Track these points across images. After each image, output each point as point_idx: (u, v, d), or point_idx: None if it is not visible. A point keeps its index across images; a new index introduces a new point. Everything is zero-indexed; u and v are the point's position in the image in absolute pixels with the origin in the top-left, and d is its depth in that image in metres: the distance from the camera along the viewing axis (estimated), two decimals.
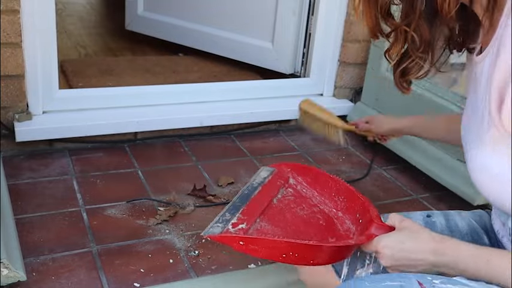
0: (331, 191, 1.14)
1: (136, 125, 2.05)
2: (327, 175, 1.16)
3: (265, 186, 1.16)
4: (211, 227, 1.00)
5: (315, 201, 1.15)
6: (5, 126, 1.87)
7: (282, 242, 0.95)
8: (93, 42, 3.10)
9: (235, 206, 1.07)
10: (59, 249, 1.46)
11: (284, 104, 2.32)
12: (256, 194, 1.13)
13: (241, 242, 0.95)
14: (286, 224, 1.07)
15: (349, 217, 1.08)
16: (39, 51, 1.85)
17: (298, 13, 2.40)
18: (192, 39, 2.77)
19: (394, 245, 0.89)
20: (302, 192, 1.17)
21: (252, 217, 1.05)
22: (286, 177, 1.20)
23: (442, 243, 0.86)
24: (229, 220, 1.02)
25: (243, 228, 1.00)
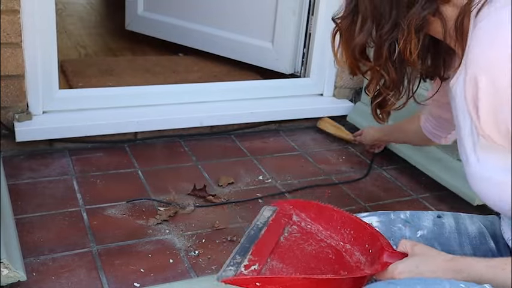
0: (336, 224, 1.14)
1: (136, 125, 2.05)
2: (330, 208, 1.16)
3: (271, 226, 1.15)
4: (223, 270, 1.00)
5: (321, 236, 1.15)
6: (5, 126, 1.87)
7: (300, 279, 0.95)
8: (93, 42, 3.10)
9: (244, 248, 1.08)
10: (59, 249, 1.46)
11: (284, 104, 2.32)
12: (263, 234, 1.12)
13: (257, 283, 0.95)
14: (297, 261, 1.07)
15: (358, 248, 1.08)
16: (39, 51, 1.85)
17: (298, 13, 2.40)
18: (192, 39, 2.77)
19: (410, 270, 0.90)
20: (307, 228, 1.17)
21: (262, 257, 1.05)
22: (289, 214, 1.19)
23: (454, 262, 0.88)
24: (241, 262, 1.02)
25: (256, 270, 1.01)
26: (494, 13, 0.81)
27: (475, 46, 0.81)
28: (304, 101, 2.37)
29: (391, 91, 0.96)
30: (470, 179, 0.90)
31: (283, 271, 1.03)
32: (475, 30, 0.82)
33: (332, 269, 1.05)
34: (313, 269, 1.05)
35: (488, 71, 0.78)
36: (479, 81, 0.79)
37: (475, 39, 0.81)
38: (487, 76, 0.78)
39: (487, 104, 0.79)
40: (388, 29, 0.90)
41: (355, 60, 0.98)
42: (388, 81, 0.95)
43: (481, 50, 0.79)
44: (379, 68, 0.94)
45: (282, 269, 1.03)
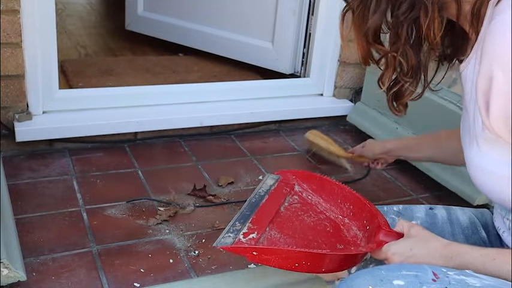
0: (337, 197, 1.15)
1: (136, 125, 2.05)
2: (332, 182, 1.17)
3: (272, 194, 1.16)
4: (222, 237, 1.01)
5: (321, 208, 1.16)
6: (5, 126, 1.87)
7: (296, 252, 0.96)
8: (93, 42, 3.10)
9: (244, 215, 1.09)
10: (59, 249, 1.46)
11: (284, 104, 2.32)
12: (264, 203, 1.14)
13: (254, 252, 0.96)
14: (294, 232, 1.08)
15: (356, 223, 1.10)
16: (39, 51, 1.85)
17: (298, 13, 2.40)
18: (192, 39, 2.77)
19: (404, 252, 0.91)
20: (308, 199, 1.18)
21: (261, 226, 1.05)
22: (291, 184, 1.21)
23: (449, 247, 0.89)
24: (240, 230, 1.03)
25: (254, 238, 1.01)
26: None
27: (493, 39, 0.78)
28: (304, 101, 2.37)
29: (410, 78, 0.90)
30: (471, 169, 0.89)
31: (280, 241, 1.04)
32: (494, 22, 0.79)
33: (329, 242, 1.06)
34: (310, 240, 1.06)
35: (506, 67, 0.75)
36: (495, 76, 0.77)
37: (494, 32, 0.78)
38: (504, 72, 0.75)
39: (500, 101, 0.77)
40: (406, 8, 0.84)
41: (368, 44, 0.91)
42: (407, 67, 0.88)
43: (500, 44, 0.76)
44: (396, 54, 0.88)
45: (280, 239, 1.04)
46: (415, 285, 0.80)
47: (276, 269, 1.44)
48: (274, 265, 0.96)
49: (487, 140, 0.83)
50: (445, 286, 0.79)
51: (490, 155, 0.84)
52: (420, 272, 0.82)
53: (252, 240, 1.01)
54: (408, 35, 0.86)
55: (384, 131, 2.13)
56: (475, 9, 0.84)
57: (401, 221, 0.98)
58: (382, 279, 0.81)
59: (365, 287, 0.81)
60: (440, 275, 0.81)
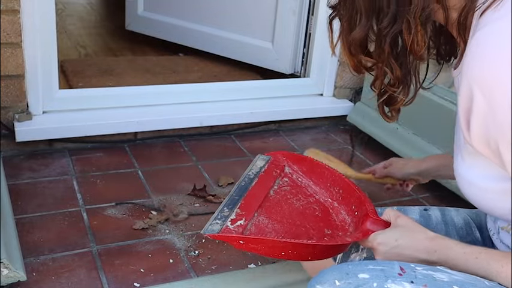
0: (326, 181, 1.15)
1: (136, 125, 2.05)
2: (322, 165, 1.17)
3: (262, 177, 1.16)
4: (210, 224, 1.00)
5: (310, 191, 1.16)
6: (5, 126, 1.87)
7: (281, 242, 0.96)
8: (93, 42, 3.10)
9: (233, 200, 1.08)
10: (59, 249, 1.46)
11: (284, 104, 2.32)
12: (253, 186, 1.13)
13: (241, 241, 0.96)
14: (283, 217, 1.08)
15: (345, 208, 1.10)
16: (39, 51, 1.85)
17: (298, 13, 2.40)
18: (192, 39, 2.77)
19: (389, 242, 0.92)
20: (298, 181, 1.18)
21: (250, 212, 1.05)
22: (281, 166, 1.20)
23: (434, 241, 0.89)
24: (228, 216, 1.03)
25: (242, 225, 1.01)
26: (496, 22, 0.76)
27: (472, 60, 0.76)
28: (304, 101, 2.37)
29: (396, 88, 0.91)
30: (458, 179, 0.90)
31: (268, 227, 1.04)
32: (474, 39, 0.77)
33: (317, 227, 1.06)
34: (298, 226, 1.06)
35: (484, 88, 0.74)
36: (475, 97, 0.75)
37: (472, 52, 0.77)
38: (484, 95, 0.74)
39: (480, 123, 0.76)
40: (388, 22, 0.84)
41: (353, 56, 0.92)
42: (393, 78, 0.90)
43: (479, 64, 0.75)
44: (382, 65, 0.89)
45: (268, 225, 1.04)
46: (380, 278, 0.81)
47: (276, 270, 1.45)
48: (261, 253, 0.97)
49: (469, 153, 0.84)
50: (410, 280, 0.80)
51: (473, 168, 0.84)
52: (387, 267, 0.83)
53: (240, 227, 1.00)
54: (391, 48, 0.86)
55: (383, 131, 2.13)
56: (461, 18, 0.84)
57: (389, 209, 0.99)
58: (348, 273, 0.83)
59: (332, 281, 0.83)
60: (407, 269, 0.82)
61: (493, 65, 0.73)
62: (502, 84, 0.72)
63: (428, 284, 0.79)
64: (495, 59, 0.73)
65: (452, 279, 0.80)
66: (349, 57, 0.93)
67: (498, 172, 0.80)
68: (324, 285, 0.83)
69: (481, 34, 0.76)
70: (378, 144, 2.16)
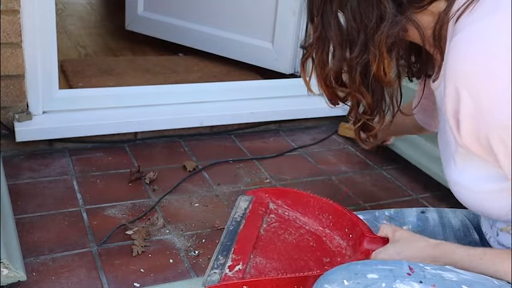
0: (314, 209, 1.14)
1: (136, 125, 2.05)
2: (306, 194, 1.16)
3: (249, 218, 1.15)
4: (208, 275, 1.00)
5: (299, 223, 1.15)
6: (5, 126, 1.87)
7: (285, 279, 0.96)
8: (93, 42, 3.10)
9: (226, 246, 1.07)
10: (59, 249, 1.46)
11: (284, 104, 2.32)
12: (242, 228, 1.12)
13: (244, 286, 0.96)
14: (279, 254, 1.07)
15: (338, 233, 1.09)
16: (39, 51, 1.85)
17: (298, 13, 2.40)
18: (192, 39, 2.77)
19: (392, 257, 0.92)
20: (284, 215, 1.17)
21: (245, 255, 1.05)
22: (265, 203, 1.19)
23: (437, 247, 0.89)
24: (224, 264, 1.02)
25: (241, 269, 1.01)
26: (473, 24, 0.77)
27: (454, 59, 0.77)
28: (304, 101, 2.36)
29: (369, 116, 0.93)
30: (451, 186, 0.90)
31: (267, 267, 1.03)
32: (453, 42, 0.78)
33: (314, 257, 1.06)
34: (296, 260, 1.06)
35: (470, 87, 0.75)
36: (462, 96, 0.76)
37: (455, 52, 0.77)
38: (469, 92, 0.75)
39: (469, 121, 0.77)
40: (357, 53, 0.86)
41: (329, 88, 0.94)
42: (366, 106, 0.92)
43: (461, 64, 0.76)
44: (355, 93, 0.91)
45: (266, 265, 1.03)
46: (389, 278, 0.81)
47: None
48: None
49: (462, 157, 0.84)
50: (419, 280, 0.80)
51: (466, 171, 0.84)
52: (395, 266, 0.83)
53: (239, 272, 1.00)
54: (362, 77, 0.88)
55: None
56: (435, 32, 0.84)
57: (384, 225, 0.99)
58: (357, 273, 0.83)
59: (340, 281, 0.83)
60: (416, 269, 0.82)
61: (476, 63, 0.74)
62: (486, 81, 0.73)
63: (437, 284, 0.79)
64: (477, 57, 0.74)
65: (461, 278, 0.80)
66: (325, 90, 0.96)
67: (493, 172, 0.80)
68: (333, 284, 0.83)
69: (460, 36, 0.77)
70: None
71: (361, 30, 0.85)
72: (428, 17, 0.85)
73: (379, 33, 0.83)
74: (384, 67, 0.85)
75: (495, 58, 0.73)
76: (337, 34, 0.87)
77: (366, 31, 0.84)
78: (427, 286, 0.79)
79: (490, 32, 0.75)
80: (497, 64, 0.73)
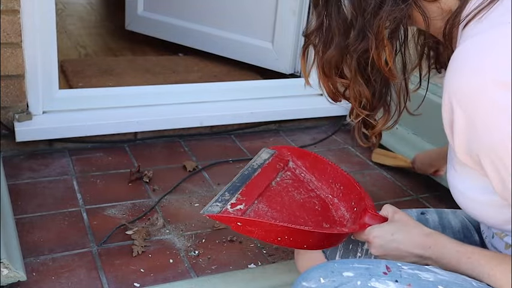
0: (328, 177, 1.16)
1: (136, 125, 2.05)
2: (325, 161, 1.18)
3: (265, 169, 1.17)
4: (210, 205, 1.02)
5: (312, 186, 1.17)
6: (5, 126, 1.87)
7: (278, 226, 0.97)
8: (93, 42, 3.10)
9: (235, 187, 1.10)
10: (59, 249, 1.46)
11: (284, 104, 2.32)
12: (256, 176, 1.14)
13: (238, 223, 0.97)
14: (282, 207, 1.08)
15: (344, 204, 1.11)
16: (39, 51, 1.85)
17: (298, 13, 2.40)
18: (192, 39, 2.77)
19: (385, 236, 0.93)
20: (300, 176, 1.19)
21: (250, 198, 1.06)
22: (285, 160, 1.21)
23: (430, 237, 0.90)
24: (228, 200, 1.04)
25: (241, 209, 1.02)
26: (477, 35, 0.74)
27: (452, 72, 0.74)
28: (304, 101, 2.37)
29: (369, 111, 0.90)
30: (451, 189, 0.89)
31: (267, 215, 1.05)
32: (455, 53, 0.75)
33: (315, 220, 1.07)
34: (297, 217, 1.07)
35: (463, 103, 0.72)
36: (455, 111, 0.74)
37: (453, 64, 0.74)
38: (462, 109, 0.73)
39: (461, 134, 0.75)
40: (354, 39, 0.82)
41: (328, 78, 0.91)
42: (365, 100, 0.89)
43: (457, 79, 0.73)
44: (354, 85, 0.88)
45: (267, 213, 1.05)
46: (365, 276, 0.81)
47: (276, 269, 1.45)
48: (257, 237, 0.97)
49: (459, 164, 0.83)
50: (395, 279, 0.80)
51: (463, 178, 0.84)
52: (372, 265, 0.83)
53: (239, 211, 1.02)
54: (358, 65, 0.84)
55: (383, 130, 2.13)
56: (446, 32, 0.82)
57: (387, 205, 1.00)
58: (333, 271, 0.83)
59: (317, 278, 0.83)
60: (393, 268, 0.82)
61: (471, 80, 0.71)
62: (479, 101, 0.71)
63: (413, 284, 0.80)
64: (473, 74, 0.71)
65: (438, 279, 0.81)
66: (323, 81, 0.92)
67: (484, 183, 0.79)
68: (310, 282, 0.84)
69: (461, 48, 0.74)
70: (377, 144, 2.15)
71: (359, 15, 0.82)
72: (437, 9, 0.83)
73: (378, 18, 0.80)
74: (386, 55, 0.82)
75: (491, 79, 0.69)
76: (338, 20, 0.84)
77: (363, 16, 0.81)
78: (402, 285, 0.79)
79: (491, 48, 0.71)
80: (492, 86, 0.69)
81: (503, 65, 0.69)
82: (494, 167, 0.73)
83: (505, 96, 0.68)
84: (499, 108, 0.69)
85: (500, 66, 0.69)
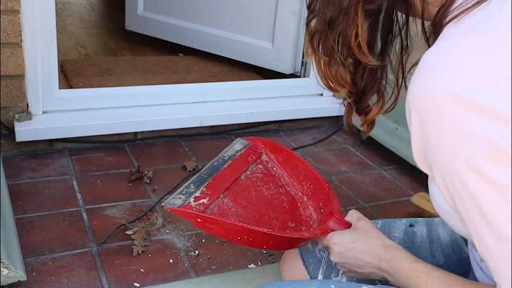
0: (300, 174, 1.14)
1: (136, 125, 2.05)
2: (298, 158, 1.16)
3: (236, 161, 1.13)
4: (173, 198, 0.99)
5: (283, 182, 1.14)
6: (5, 126, 1.87)
7: (237, 226, 0.95)
8: (93, 42, 3.10)
9: (201, 178, 1.06)
10: (59, 249, 1.46)
11: (284, 104, 2.32)
12: (225, 168, 1.11)
13: (198, 219, 0.95)
14: (248, 202, 1.06)
15: (313, 204, 1.09)
16: (39, 51, 1.85)
17: (298, 13, 2.40)
18: (192, 39, 2.77)
19: (344, 243, 0.92)
20: (272, 170, 1.16)
21: (215, 192, 1.03)
22: (259, 152, 1.18)
23: (388, 250, 0.88)
24: (193, 193, 1.01)
25: (204, 204, 0.99)
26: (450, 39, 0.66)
27: (416, 76, 0.67)
28: (304, 101, 2.37)
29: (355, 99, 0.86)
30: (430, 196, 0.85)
31: (231, 210, 1.03)
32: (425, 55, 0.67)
33: (281, 218, 1.05)
34: (262, 214, 1.05)
35: (419, 112, 0.67)
36: (412, 115, 0.68)
37: (420, 67, 0.67)
38: (418, 115, 0.67)
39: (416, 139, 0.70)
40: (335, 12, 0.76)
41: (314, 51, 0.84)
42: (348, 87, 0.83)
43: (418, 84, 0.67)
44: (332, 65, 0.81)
45: (231, 208, 1.03)
46: None
47: (276, 269, 1.45)
48: (216, 234, 0.96)
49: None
50: None
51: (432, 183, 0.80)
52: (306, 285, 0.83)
53: (202, 205, 0.99)
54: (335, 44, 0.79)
55: (383, 130, 2.13)
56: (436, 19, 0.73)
57: (352, 211, 0.98)
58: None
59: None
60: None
61: (431, 90, 0.64)
62: (436, 114, 0.64)
63: None
64: (433, 84, 0.64)
65: None
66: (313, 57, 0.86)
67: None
68: None
69: (430, 51, 0.67)
70: (377, 144, 2.16)
71: None
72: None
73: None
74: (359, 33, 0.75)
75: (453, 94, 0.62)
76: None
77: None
78: None
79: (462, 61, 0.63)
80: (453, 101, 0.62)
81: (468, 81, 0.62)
82: (444, 184, 0.69)
83: (467, 118, 0.61)
84: (456, 127, 0.63)
85: (464, 81, 0.62)
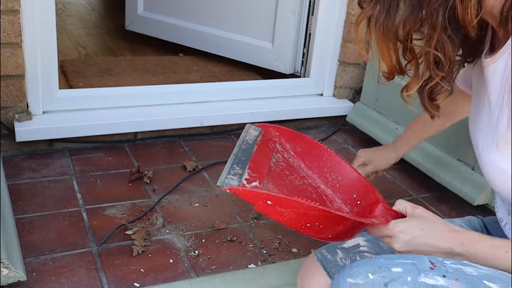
0: (323, 165, 1.03)
1: (136, 125, 2.05)
2: (322, 147, 1.05)
3: (260, 146, 1.01)
4: (225, 177, 0.87)
5: (302, 174, 1.03)
6: (5, 126, 1.87)
7: (316, 209, 0.83)
8: (93, 42, 3.10)
9: (240, 161, 0.94)
10: (59, 249, 1.46)
11: (284, 104, 2.32)
12: (255, 152, 0.98)
13: (268, 201, 0.82)
14: (288, 191, 0.95)
15: (341, 196, 1.00)
16: (39, 51, 1.85)
17: (298, 13, 2.40)
18: (192, 39, 2.77)
19: (413, 230, 0.87)
20: (289, 161, 1.04)
21: (261, 176, 0.92)
22: (274, 141, 1.06)
23: (459, 233, 0.87)
24: (242, 175, 0.89)
25: (258, 187, 0.88)
26: None
27: None
28: (304, 101, 2.37)
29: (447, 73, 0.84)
30: (486, 165, 0.85)
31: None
32: None
33: None
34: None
35: None
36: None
37: None
38: None
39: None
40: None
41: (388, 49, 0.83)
42: (444, 60, 0.82)
43: None
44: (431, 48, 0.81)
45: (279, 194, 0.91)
46: (414, 272, 0.79)
47: (276, 269, 1.45)
48: (284, 220, 0.83)
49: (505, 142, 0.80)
50: (442, 274, 0.79)
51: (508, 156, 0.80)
52: (417, 261, 0.81)
53: (257, 188, 0.87)
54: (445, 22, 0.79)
55: (383, 131, 2.13)
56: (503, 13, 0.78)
57: (401, 200, 0.94)
58: (380, 266, 0.81)
59: (364, 274, 0.80)
60: (437, 263, 0.81)
61: None
62: None
63: (460, 278, 0.78)
64: None
65: (482, 273, 0.79)
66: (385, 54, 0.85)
67: None
68: (357, 278, 0.80)
69: None
70: (377, 144, 2.15)
71: None
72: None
73: None
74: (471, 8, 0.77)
75: None
76: None
77: None
78: (450, 280, 0.78)
79: None
80: None
81: None
82: None
83: None
84: None
85: None
